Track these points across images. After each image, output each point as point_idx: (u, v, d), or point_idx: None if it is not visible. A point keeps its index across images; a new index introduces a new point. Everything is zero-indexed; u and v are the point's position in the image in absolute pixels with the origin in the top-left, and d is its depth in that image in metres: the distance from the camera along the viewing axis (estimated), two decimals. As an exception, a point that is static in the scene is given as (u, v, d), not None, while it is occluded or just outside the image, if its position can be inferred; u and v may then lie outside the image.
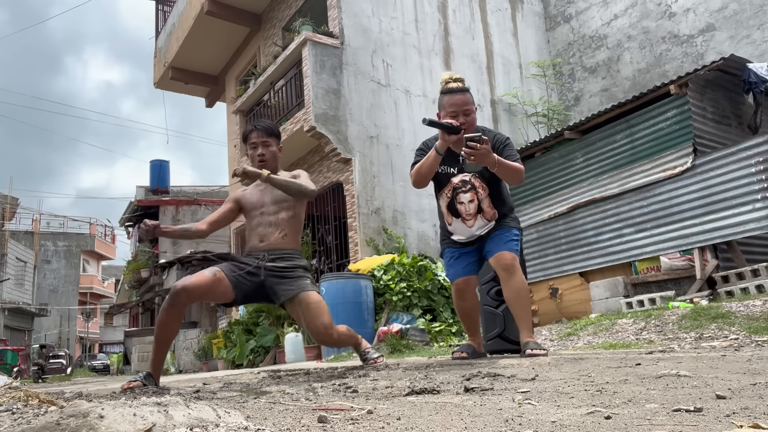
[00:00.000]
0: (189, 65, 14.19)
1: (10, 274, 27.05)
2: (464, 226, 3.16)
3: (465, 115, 3.04)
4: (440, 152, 3.02)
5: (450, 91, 3.11)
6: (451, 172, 3.16)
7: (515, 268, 3.02)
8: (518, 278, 3.02)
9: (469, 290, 3.28)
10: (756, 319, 3.45)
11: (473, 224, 3.13)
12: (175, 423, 1.03)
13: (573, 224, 6.99)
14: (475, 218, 3.13)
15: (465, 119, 3.03)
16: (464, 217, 3.14)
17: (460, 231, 3.19)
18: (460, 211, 3.14)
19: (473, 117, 3.09)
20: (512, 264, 3.01)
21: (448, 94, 3.11)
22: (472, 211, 3.11)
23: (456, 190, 3.14)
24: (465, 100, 3.08)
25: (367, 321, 6.66)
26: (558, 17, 12.07)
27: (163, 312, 2.84)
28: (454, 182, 3.14)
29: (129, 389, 2.62)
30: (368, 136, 9.12)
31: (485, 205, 3.11)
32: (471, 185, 3.11)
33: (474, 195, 3.10)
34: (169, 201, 20.86)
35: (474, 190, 3.10)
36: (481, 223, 3.13)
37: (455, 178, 3.14)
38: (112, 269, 44.36)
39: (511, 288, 3.01)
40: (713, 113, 6.31)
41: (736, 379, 1.61)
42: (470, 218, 3.13)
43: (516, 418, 1.22)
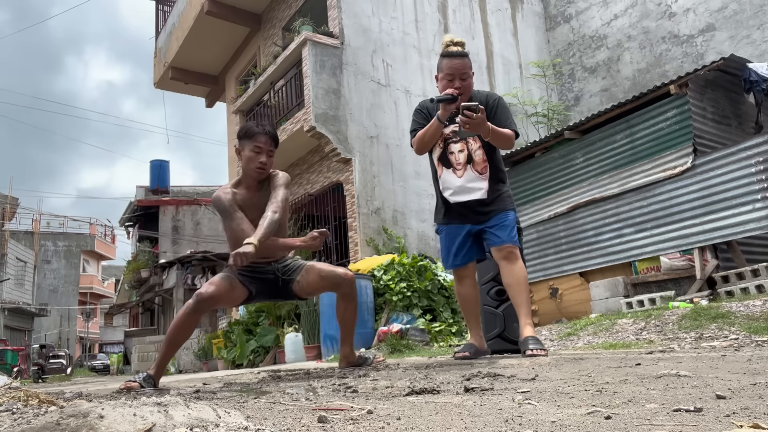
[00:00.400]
0: (189, 65, 14.20)
1: (10, 274, 27.05)
2: (454, 176, 3.17)
3: (461, 79, 3.09)
4: (442, 120, 3.06)
5: (449, 54, 3.13)
6: (445, 124, 3.18)
7: (516, 256, 3.07)
8: (519, 265, 3.07)
9: (468, 276, 3.29)
10: (756, 319, 3.45)
11: (462, 174, 3.14)
12: (175, 423, 1.03)
13: (573, 224, 6.99)
14: (464, 168, 3.14)
15: (461, 83, 3.08)
16: (454, 167, 3.16)
17: (449, 183, 3.18)
18: (450, 161, 3.17)
19: (470, 82, 3.13)
20: (513, 252, 3.07)
21: (448, 57, 3.13)
22: (462, 161, 3.14)
23: (447, 140, 3.19)
24: (463, 64, 3.11)
25: (367, 321, 6.66)
26: (558, 17, 12.07)
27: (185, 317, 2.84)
28: (445, 133, 3.18)
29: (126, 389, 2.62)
30: (368, 136, 9.12)
31: (477, 157, 3.13)
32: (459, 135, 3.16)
33: (464, 145, 3.15)
34: (169, 201, 20.86)
35: (464, 140, 3.15)
36: (471, 176, 3.13)
37: (446, 129, 3.17)
38: (112, 269, 44.37)
39: (511, 274, 3.06)
40: (713, 113, 6.31)
41: (736, 379, 1.61)
42: (460, 168, 3.15)
43: (516, 418, 1.22)
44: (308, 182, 10.03)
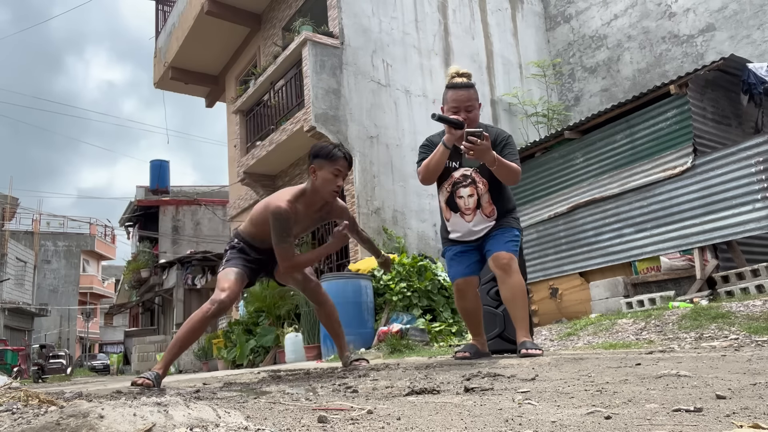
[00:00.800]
0: (189, 65, 14.19)
1: (10, 274, 27.05)
2: (462, 221, 3.14)
3: (467, 111, 3.04)
4: (448, 146, 3.01)
5: (454, 86, 3.09)
6: (452, 166, 3.14)
7: (512, 268, 2.99)
8: (515, 278, 3.00)
9: (470, 290, 3.25)
10: (756, 319, 3.45)
11: (471, 219, 3.12)
12: (175, 423, 1.03)
13: (573, 224, 6.99)
14: (473, 213, 3.11)
15: (466, 115, 3.02)
16: (463, 212, 3.13)
17: (458, 227, 3.17)
18: (459, 205, 3.14)
19: (475, 113, 3.08)
20: (509, 264, 2.99)
21: (452, 89, 3.09)
22: (471, 206, 3.11)
23: (456, 184, 3.14)
24: (468, 96, 3.07)
25: (367, 321, 6.66)
26: (558, 17, 12.07)
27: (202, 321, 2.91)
28: (455, 176, 3.14)
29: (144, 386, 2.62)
30: (368, 136, 9.12)
31: (484, 201, 3.10)
32: (471, 180, 3.10)
33: (474, 189, 3.10)
34: (169, 201, 20.86)
35: (474, 184, 3.10)
36: (480, 219, 3.11)
37: (456, 173, 3.13)
38: (112, 269, 44.36)
39: (507, 287, 3.01)
40: (713, 113, 6.31)
41: (736, 379, 1.61)
42: (469, 213, 3.12)
43: (516, 418, 1.22)
44: (308, 182, 10.02)
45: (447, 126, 2.99)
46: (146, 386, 2.63)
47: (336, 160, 3.01)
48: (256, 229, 3.14)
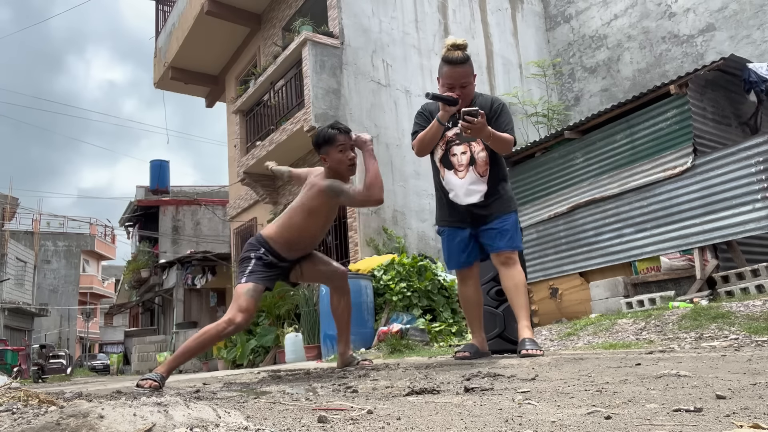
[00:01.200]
0: (189, 65, 14.19)
1: (10, 274, 27.04)
2: (455, 178, 3.17)
3: (462, 87, 3.09)
4: (442, 123, 3.08)
5: (450, 61, 3.10)
6: (447, 127, 3.19)
7: (514, 261, 3.10)
8: (516, 270, 3.09)
9: (471, 276, 3.29)
10: (756, 319, 3.45)
11: (464, 176, 3.15)
12: (175, 423, 1.03)
13: (573, 224, 6.99)
14: (466, 170, 3.15)
15: (461, 91, 3.08)
16: (456, 168, 3.17)
17: (451, 184, 3.19)
18: (452, 162, 3.19)
19: (470, 89, 3.13)
20: (511, 258, 3.09)
21: (448, 64, 3.11)
22: (464, 162, 3.15)
23: (450, 142, 3.20)
24: (463, 72, 3.10)
25: (367, 321, 6.66)
26: (558, 17, 12.07)
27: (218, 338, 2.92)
28: (448, 135, 3.19)
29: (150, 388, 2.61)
30: (368, 136, 9.12)
31: (479, 159, 3.14)
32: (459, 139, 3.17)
33: (467, 147, 3.16)
34: (169, 201, 20.86)
35: (467, 142, 3.16)
36: (473, 177, 3.13)
37: (449, 132, 3.19)
38: (112, 269, 44.36)
39: (509, 279, 3.07)
40: (713, 113, 6.31)
41: (736, 379, 1.61)
42: (462, 169, 3.16)
43: (516, 418, 1.22)
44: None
45: (441, 103, 3.04)
46: (153, 388, 2.62)
47: (335, 139, 3.10)
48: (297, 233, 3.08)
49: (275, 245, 3.07)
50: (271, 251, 3.07)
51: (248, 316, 2.92)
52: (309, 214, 3.08)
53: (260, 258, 3.04)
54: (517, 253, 3.12)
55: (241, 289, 2.94)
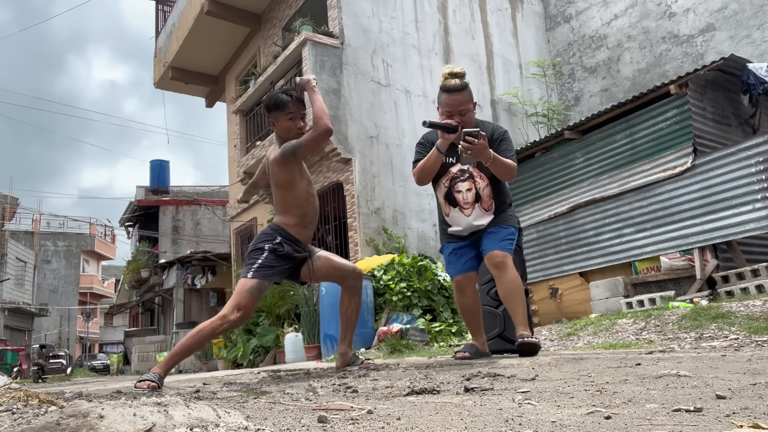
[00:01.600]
0: (189, 65, 14.19)
1: (10, 274, 27.04)
2: (462, 216, 3.15)
3: (460, 114, 3.07)
4: (441, 151, 3.06)
5: (447, 89, 3.11)
6: (449, 162, 3.16)
7: (506, 265, 3.01)
8: (510, 274, 3.02)
9: (469, 286, 3.26)
10: (756, 319, 3.45)
11: (470, 213, 3.12)
12: (175, 423, 1.03)
13: (573, 224, 6.99)
14: (472, 207, 3.12)
15: (460, 119, 3.06)
16: (462, 206, 3.14)
17: (457, 221, 3.18)
18: (457, 200, 3.15)
19: (469, 116, 3.10)
20: (503, 261, 3.01)
21: (446, 92, 3.11)
22: (470, 200, 3.12)
23: (454, 179, 3.16)
24: (461, 100, 3.08)
25: (367, 321, 6.66)
26: (558, 17, 12.07)
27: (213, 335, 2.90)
28: (452, 172, 3.16)
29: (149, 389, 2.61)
30: (368, 136, 9.12)
31: (484, 195, 3.12)
32: (469, 174, 3.13)
33: (472, 184, 3.12)
34: (169, 201, 20.85)
35: (472, 179, 3.12)
36: (479, 213, 3.12)
37: (454, 168, 3.16)
38: (112, 269, 44.36)
39: (503, 284, 3.04)
40: (713, 113, 6.31)
41: (736, 379, 1.61)
42: (468, 207, 3.13)
43: (516, 418, 1.22)
44: (308, 182, 10.02)
45: (440, 131, 3.03)
46: (152, 389, 2.62)
47: (285, 105, 3.06)
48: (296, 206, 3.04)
49: (291, 229, 3.04)
50: (288, 237, 3.01)
51: (245, 315, 2.87)
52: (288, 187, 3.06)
53: (274, 249, 2.96)
54: (510, 257, 3.07)
55: (244, 285, 2.88)
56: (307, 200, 3.10)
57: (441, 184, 3.20)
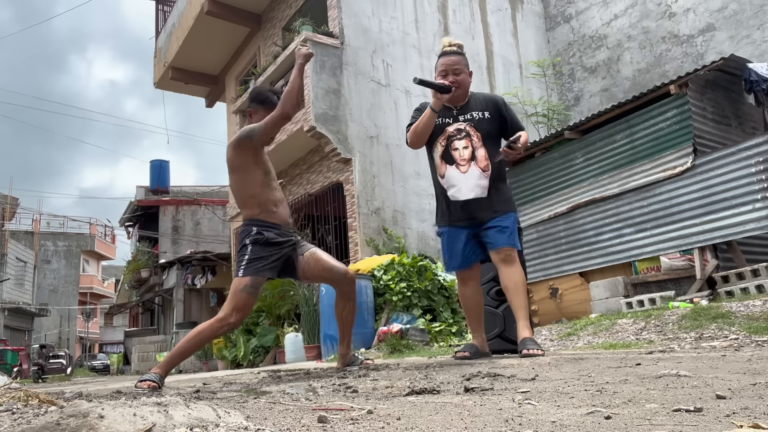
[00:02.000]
0: (189, 65, 14.19)
1: (10, 274, 27.04)
2: (457, 173, 3.15)
3: (454, 74, 3.13)
4: (435, 110, 3.10)
5: (443, 53, 3.21)
6: (446, 122, 3.20)
7: (513, 259, 3.08)
8: (516, 268, 3.08)
9: (472, 277, 3.27)
10: (756, 319, 3.45)
11: (467, 170, 3.13)
12: (175, 423, 1.03)
13: (573, 224, 6.99)
14: (468, 164, 3.13)
15: (454, 78, 3.12)
16: (458, 163, 3.15)
17: (453, 180, 3.16)
18: (454, 156, 3.16)
19: (464, 77, 3.16)
20: (510, 255, 3.08)
21: (442, 56, 3.20)
22: (467, 156, 3.14)
23: (451, 137, 3.18)
24: (456, 60, 3.16)
25: (367, 321, 6.66)
26: (558, 17, 12.07)
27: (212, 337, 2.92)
28: (448, 131, 3.19)
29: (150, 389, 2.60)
30: (368, 136, 9.12)
31: (480, 154, 3.13)
32: (466, 133, 3.16)
33: (468, 142, 3.15)
34: (169, 201, 20.86)
35: (469, 137, 3.15)
36: (474, 171, 3.12)
37: (450, 127, 3.19)
38: (112, 269, 44.36)
39: (508, 277, 3.06)
40: (713, 113, 6.31)
41: (736, 379, 1.61)
42: (464, 164, 3.14)
43: (516, 418, 1.22)
44: (308, 182, 10.03)
45: (433, 90, 3.08)
46: (152, 389, 2.61)
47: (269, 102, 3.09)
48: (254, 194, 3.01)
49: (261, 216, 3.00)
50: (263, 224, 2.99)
51: (243, 315, 2.87)
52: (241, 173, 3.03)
53: (256, 241, 2.95)
54: (516, 250, 3.11)
55: (238, 284, 2.87)
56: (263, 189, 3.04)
57: (437, 143, 3.21)
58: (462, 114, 3.21)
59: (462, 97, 3.22)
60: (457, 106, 3.23)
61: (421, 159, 9.47)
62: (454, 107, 3.22)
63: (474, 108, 3.22)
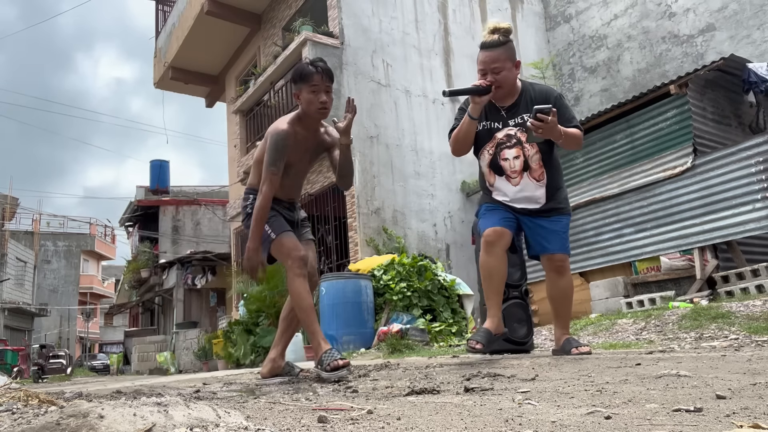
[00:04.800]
0: (189, 65, 14.20)
1: (10, 274, 27.04)
2: (508, 185, 2.84)
3: (494, 73, 2.77)
4: (474, 117, 2.78)
5: (482, 46, 2.84)
6: (495, 127, 2.87)
7: (566, 269, 2.91)
8: (568, 278, 2.92)
9: (499, 243, 2.82)
10: (756, 319, 3.45)
11: (518, 182, 2.82)
12: (175, 423, 1.03)
13: (573, 224, 6.98)
14: (520, 176, 2.81)
15: (494, 77, 2.77)
16: (509, 175, 2.83)
17: (503, 191, 2.87)
18: (504, 168, 2.84)
19: (504, 74, 2.79)
20: (564, 265, 2.89)
21: (481, 50, 2.84)
22: (518, 168, 2.81)
23: (500, 145, 2.84)
24: (495, 56, 2.78)
25: (367, 321, 6.66)
26: (558, 17, 12.07)
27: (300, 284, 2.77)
28: (498, 137, 2.85)
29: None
30: (368, 136, 9.12)
31: (533, 163, 2.81)
32: (517, 140, 2.81)
33: (520, 151, 2.81)
34: (169, 201, 20.86)
35: (520, 145, 2.81)
36: (527, 183, 2.82)
37: (499, 133, 2.85)
38: (112, 269, 44.37)
39: (558, 287, 2.91)
40: (713, 113, 6.31)
41: (736, 379, 1.61)
42: (515, 176, 2.82)
43: (516, 418, 1.22)
44: (308, 182, 10.03)
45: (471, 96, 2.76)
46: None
47: (310, 77, 2.84)
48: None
49: None
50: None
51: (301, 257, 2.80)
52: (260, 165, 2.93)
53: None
54: (568, 258, 2.93)
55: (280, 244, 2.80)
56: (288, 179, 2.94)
57: (485, 151, 2.88)
58: (512, 117, 2.85)
59: (509, 96, 2.86)
60: (504, 106, 2.87)
61: (421, 159, 9.47)
62: (501, 108, 2.86)
63: (525, 109, 2.82)
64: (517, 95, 2.86)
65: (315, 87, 2.83)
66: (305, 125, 2.91)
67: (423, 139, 9.45)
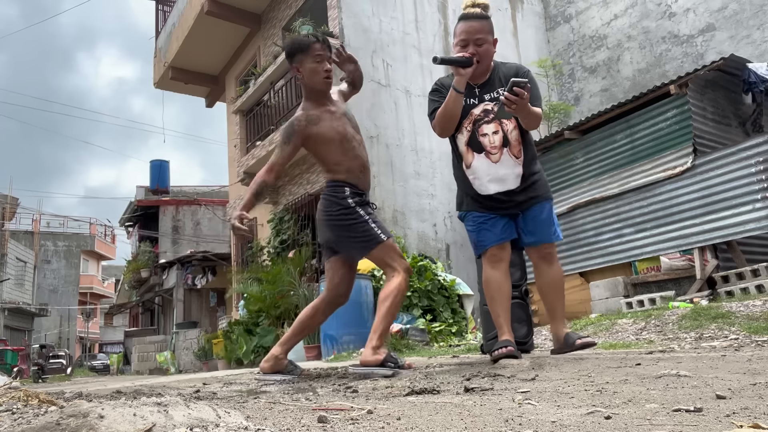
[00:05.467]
0: (189, 65, 14.19)
1: (10, 274, 27.04)
2: (488, 162, 2.71)
3: (476, 44, 2.70)
4: (459, 90, 2.66)
5: (464, 17, 2.78)
6: (471, 103, 2.77)
7: (554, 257, 2.84)
8: (557, 267, 2.86)
9: (504, 258, 2.77)
10: (756, 319, 3.45)
11: (498, 159, 2.71)
12: (175, 423, 1.03)
13: (573, 224, 6.99)
14: (500, 152, 2.71)
15: (476, 49, 2.69)
16: (488, 151, 2.72)
17: (483, 170, 2.73)
18: (483, 144, 2.73)
19: (487, 48, 2.73)
20: (551, 253, 2.83)
21: (462, 20, 2.77)
22: (497, 143, 2.71)
23: (478, 122, 2.74)
24: (478, 27, 2.74)
25: (367, 321, 6.65)
26: (558, 17, 12.07)
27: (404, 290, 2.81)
28: (475, 113, 2.75)
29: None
30: (368, 136, 9.11)
31: (512, 138, 2.72)
32: (495, 114, 2.73)
33: (498, 126, 2.72)
34: (169, 201, 20.86)
35: (498, 120, 2.73)
36: (507, 160, 2.71)
37: (476, 109, 2.76)
38: (112, 269, 44.37)
39: (548, 277, 2.86)
40: (713, 113, 6.31)
41: (736, 379, 1.61)
42: (495, 152, 2.71)
43: (516, 418, 1.22)
44: (308, 182, 10.03)
45: (454, 67, 2.65)
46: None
47: (310, 47, 2.79)
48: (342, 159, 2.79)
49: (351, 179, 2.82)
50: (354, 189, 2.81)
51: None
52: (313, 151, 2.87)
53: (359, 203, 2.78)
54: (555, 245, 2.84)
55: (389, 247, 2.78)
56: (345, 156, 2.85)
57: (462, 128, 2.77)
58: (487, 92, 2.76)
59: (483, 73, 2.78)
60: (477, 83, 2.78)
61: (421, 159, 9.47)
62: (474, 85, 2.77)
63: (499, 85, 2.76)
64: (490, 72, 2.82)
65: (318, 57, 2.79)
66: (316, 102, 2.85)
67: (423, 139, 9.45)
